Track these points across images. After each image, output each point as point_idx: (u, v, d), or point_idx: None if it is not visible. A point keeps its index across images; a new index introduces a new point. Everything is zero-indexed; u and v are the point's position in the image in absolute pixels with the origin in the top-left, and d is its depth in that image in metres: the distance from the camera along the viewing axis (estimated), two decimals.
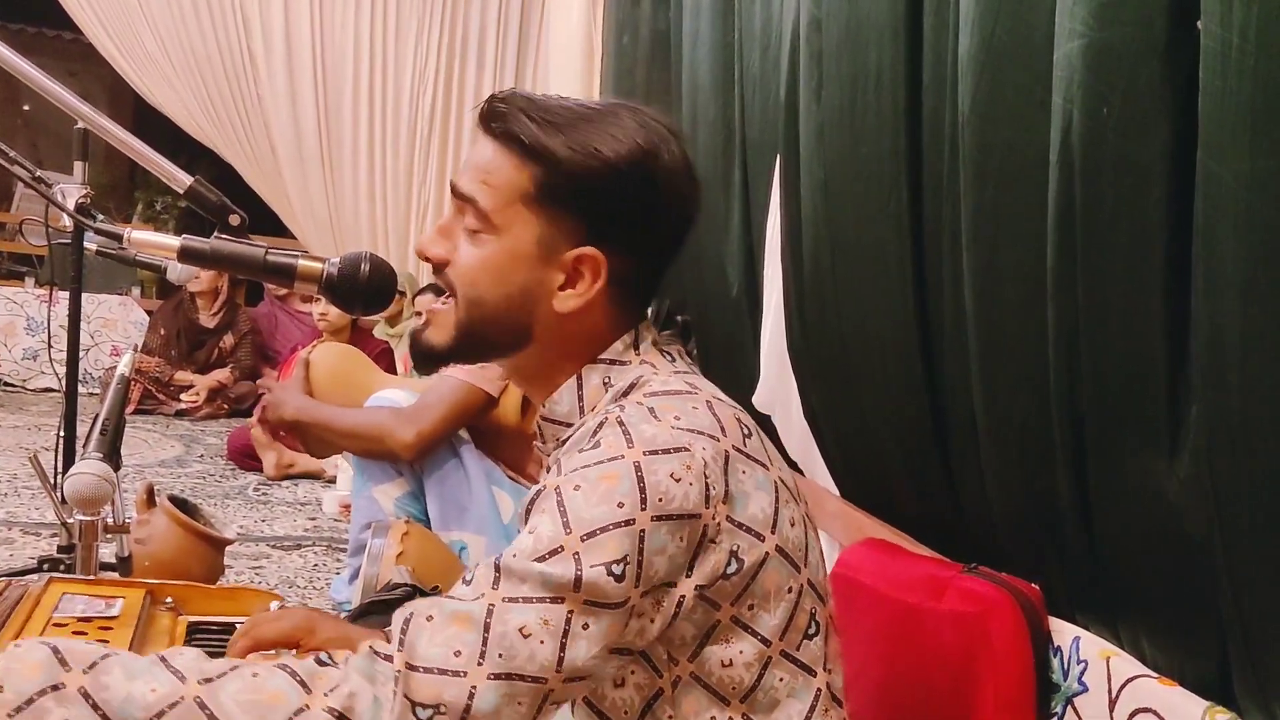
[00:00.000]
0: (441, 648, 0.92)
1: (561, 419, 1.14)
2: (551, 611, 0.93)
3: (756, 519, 1.02)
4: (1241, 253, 1.05)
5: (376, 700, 0.90)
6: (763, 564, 1.02)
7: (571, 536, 0.95)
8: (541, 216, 1.09)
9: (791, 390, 2.31)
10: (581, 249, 1.09)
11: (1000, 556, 1.60)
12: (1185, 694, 1.25)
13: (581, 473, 0.99)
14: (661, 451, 0.98)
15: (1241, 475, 1.10)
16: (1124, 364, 1.26)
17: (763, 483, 1.04)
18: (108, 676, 0.88)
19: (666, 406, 1.03)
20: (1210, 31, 1.06)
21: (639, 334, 1.14)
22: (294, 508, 4.09)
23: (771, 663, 1.04)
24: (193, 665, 0.91)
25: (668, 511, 0.96)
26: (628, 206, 1.09)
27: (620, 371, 1.12)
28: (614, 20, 4.21)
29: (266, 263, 1.36)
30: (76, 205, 2.16)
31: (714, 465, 1.00)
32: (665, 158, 1.10)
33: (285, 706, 0.89)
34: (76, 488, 1.49)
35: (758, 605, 1.02)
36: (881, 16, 1.78)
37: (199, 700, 0.88)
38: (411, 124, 6.46)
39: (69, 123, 1.80)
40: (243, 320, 6.45)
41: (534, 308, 1.11)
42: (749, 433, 1.07)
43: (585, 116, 1.09)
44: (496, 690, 0.91)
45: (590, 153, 1.07)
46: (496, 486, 2.55)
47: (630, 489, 0.96)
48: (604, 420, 1.03)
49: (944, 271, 1.66)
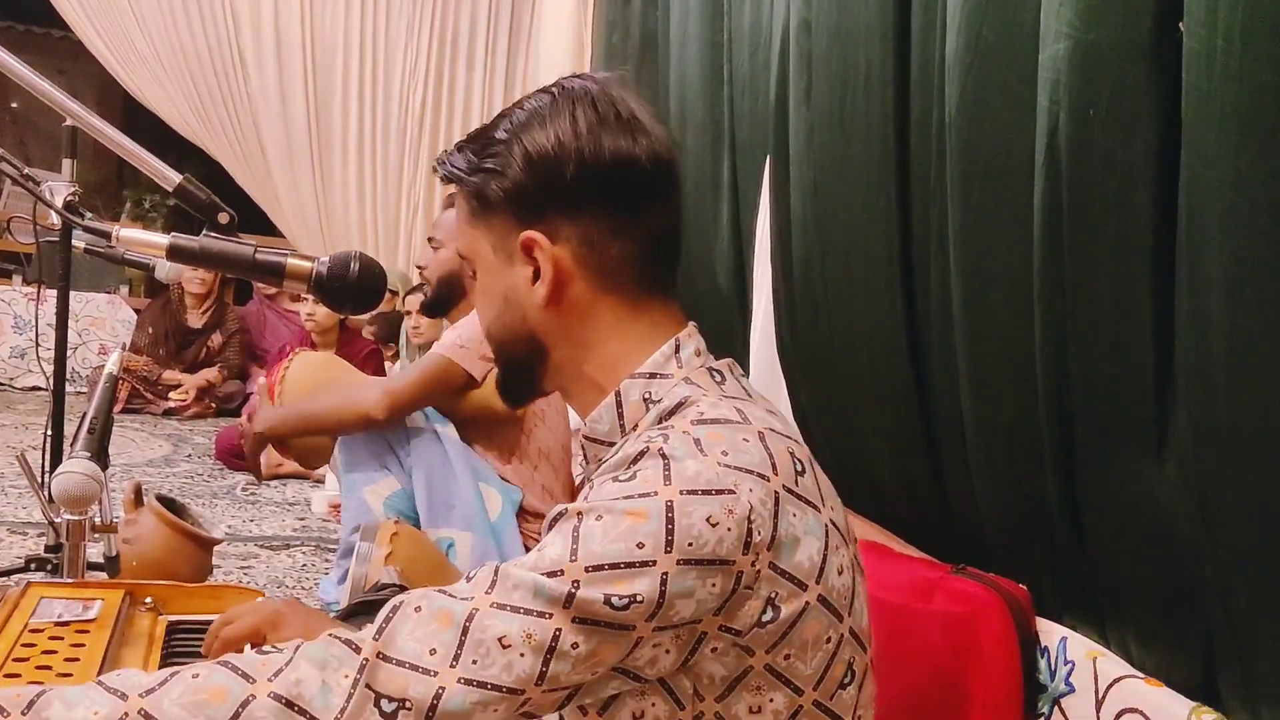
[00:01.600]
0: (418, 643, 0.90)
1: (603, 438, 1.10)
2: (537, 626, 0.90)
3: (801, 567, 0.96)
4: (1226, 253, 1.05)
5: (325, 685, 0.88)
6: (802, 614, 0.96)
7: (576, 564, 0.91)
8: (484, 226, 1.11)
9: (781, 391, 2.32)
10: (521, 235, 1.08)
11: (988, 557, 1.60)
12: (1171, 694, 1.26)
13: (609, 504, 0.93)
14: (702, 492, 0.92)
15: (1228, 476, 1.11)
16: (1111, 365, 1.27)
17: (813, 527, 0.98)
18: (48, 711, 0.87)
19: (714, 437, 0.97)
20: (1195, 34, 1.06)
21: (680, 342, 1.10)
22: (282, 508, 4.08)
23: (801, 712, 0.99)
24: (131, 681, 0.90)
25: (698, 556, 0.91)
26: (535, 181, 1.07)
27: (662, 385, 1.07)
28: (604, 19, 4.21)
29: (255, 261, 1.36)
30: (65, 203, 2.15)
31: (761, 509, 0.94)
32: (561, 120, 1.07)
33: (231, 700, 0.87)
34: (64, 487, 1.48)
35: (794, 655, 0.97)
36: (870, 18, 1.78)
37: (143, 712, 0.87)
38: (401, 123, 6.46)
39: (57, 120, 1.80)
40: (231, 319, 6.43)
41: (523, 312, 1.11)
42: (802, 469, 1.00)
43: (495, 119, 1.12)
44: (466, 695, 0.89)
45: (486, 145, 1.09)
46: (484, 483, 2.55)
47: (657, 530, 0.91)
48: (645, 449, 0.97)
49: (932, 272, 1.66)
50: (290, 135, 6.27)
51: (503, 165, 1.08)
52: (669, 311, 1.12)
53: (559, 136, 1.06)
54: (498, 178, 1.08)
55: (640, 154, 1.08)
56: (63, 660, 1.21)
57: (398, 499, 2.57)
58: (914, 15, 1.68)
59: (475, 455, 2.61)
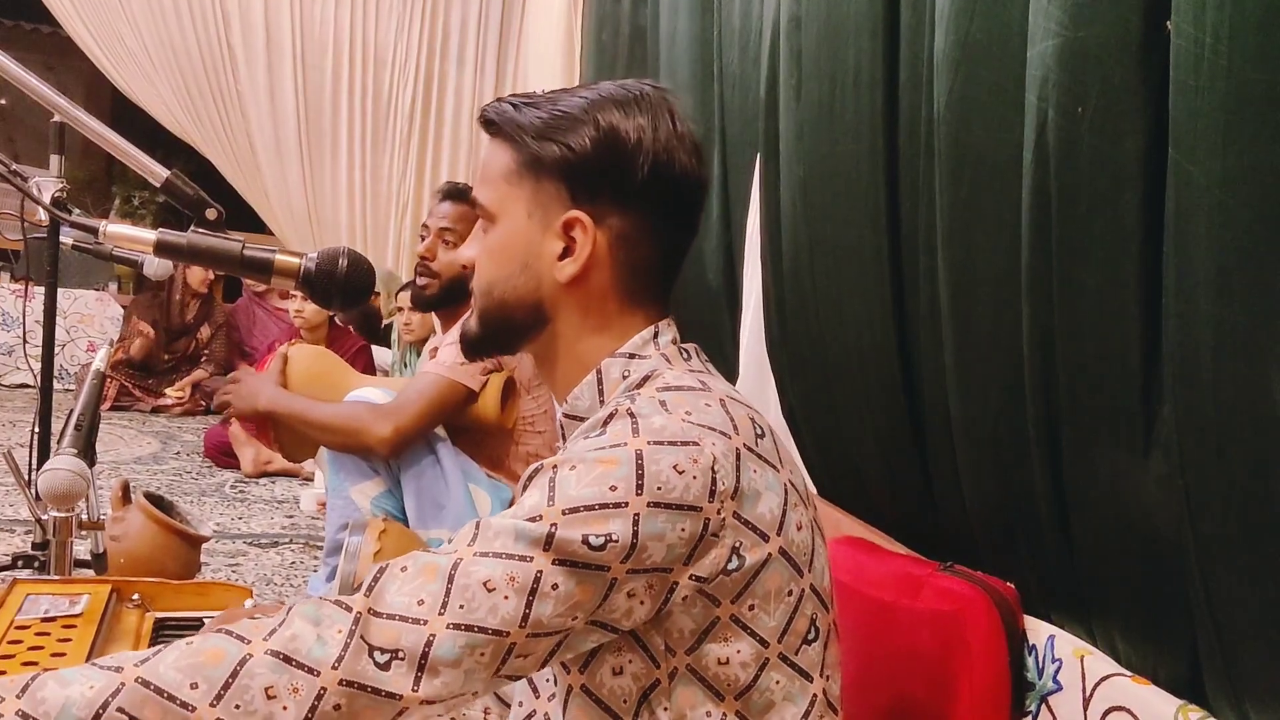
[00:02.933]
0: (407, 597, 0.92)
1: (583, 414, 1.14)
2: (519, 568, 0.93)
3: (764, 519, 1.02)
4: (1213, 251, 1.05)
5: (320, 639, 0.90)
6: (765, 564, 1.01)
7: (553, 509, 0.95)
8: (527, 188, 1.12)
9: (770, 388, 2.32)
10: (569, 213, 1.11)
11: (976, 555, 1.60)
12: (1158, 692, 1.26)
13: (582, 455, 0.98)
14: (668, 443, 0.98)
15: (1213, 474, 1.11)
16: (1098, 362, 1.27)
17: (773, 484, 1.04)
18: (42, 691, 0.87)
19: (678, 400, 1.03)
20: (1183, 31, 1.06)
21: (659, 330, 1.15)
22: (271, 505, 4.08)
23: (768, 665, 1.03)
24: (126, 657, 0.91)
25: (666, 500, 0.96)
26: (601, 167, 1.10)
27: (640, 365, 1.12)
28: (594, 16, 4.21)
29: (243, 257, 1.35)
30: (52, 199, 2.14)
31: (724, 461, 0.99)
32: (638, 116, 1.11)
33: (228, 660, 0.88)
34: (50, 484, 1.48)
35: (758, 606, 1.02)
36: (860, 15, 1.78)
37: (140, 679, 0.87)
38: (391, 120, 6.45)
39: (46, 117, 1.79)
40: (218, 313, 6.44)
41: (539, 282, 1.13)
42: (761, 433, 1.07)
43: (561, 92, 1.14)
44: (455, 640, 0.91)
45: (560, 115, 1.11)
46: (474, 484, 2.54)
47: (628, 475, 0.96)
48: (614, 411, 1.03)
49: (920, 269, 1.66)
50: (279, 132, 6.26)
51: (573, 139, 1.10)
52: (660, 310, 1.17)
53: (640, 134, 1.11)
54: (564, 148, 1.10)
55: (700, 177, 1.15)
56: (49, 655, 1.21)
57: (384, 499, 2.57)
58: (903, 12, 1.69)
59: (464, 456, 2.61)
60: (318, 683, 0.89)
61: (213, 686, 0.87)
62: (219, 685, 0.87)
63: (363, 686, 0.90)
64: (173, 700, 0.86)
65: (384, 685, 0.90)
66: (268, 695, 0.88)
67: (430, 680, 0.91)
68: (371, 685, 0.90)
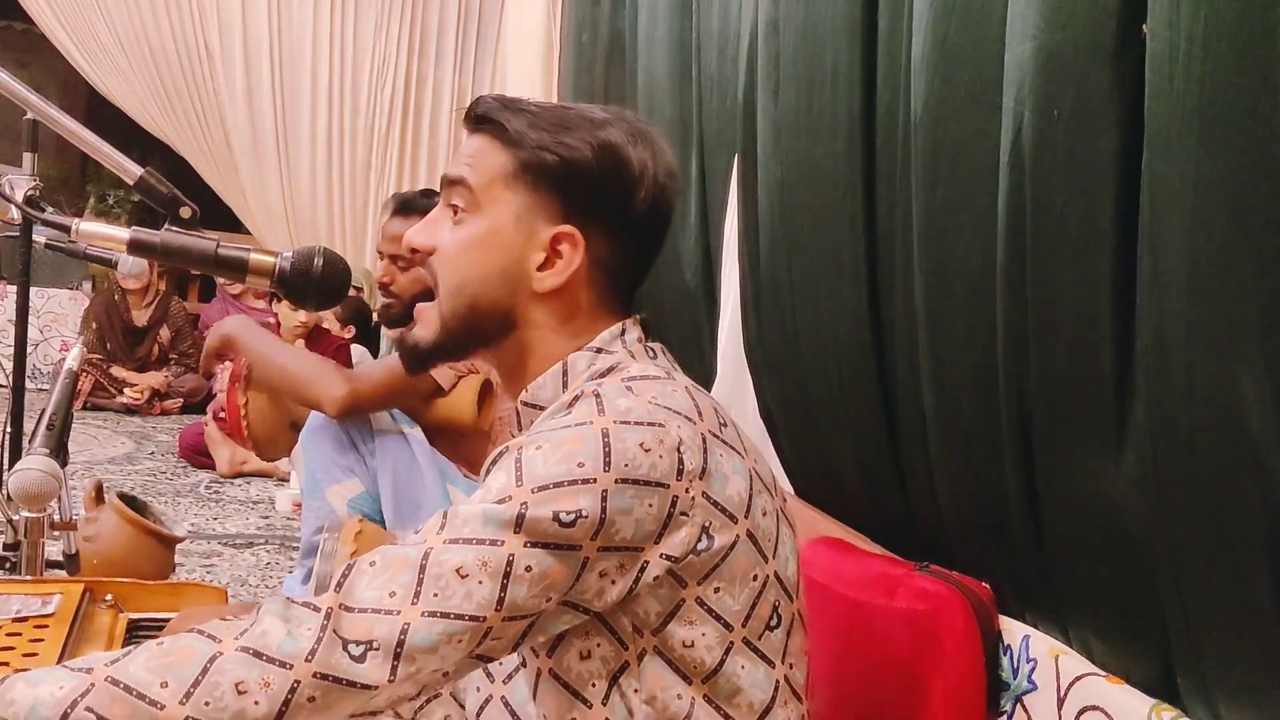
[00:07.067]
0: (377, 590, 0.93)
1: (544, 404, 1.14)
2: (491, 553, 0.94)
3: (732, 500, 1.03)
4: (1186, 253, 1.06)
5: (291, 635, 0.91)
6: (733, 546, 1.02)
7: (522, 488, 0.96)
8: (521, 194, 1.12)
9: (747, 388, 2.32)
10: (559, 227, 1.12)
11: (952, 555, 1.61)
12: (1132, 692, 1.27)
13: (548, 435, 0.99)
14: (634, 423, 0.99)
15: (1185, 474, 1.12)
16: (1071, 363, 1.28)
17: (738, 469, 1.05)
18: (11, 693, 0.87)
19: (645, 386, 1.04)
20: (1158, 35, 1.07)
21: (626, 328, 1.16)
22: (246, 506, 4.06)
23: (733, 649, 1.04)
24: (97, 658, 0.92)
25: (634, 476, 0.97)
26: (603, 188, 1.12)
27: (604, 358, 1.13)
28: (573, 18, 4.21)
29: (218, 256, 1.35)
30: (25, 197, 2.12)
31: (690, 442, 1.01)
32: (640, 148, 1.13)
33: (198, 658, 0.89)
34: (21, 484, 1.46)
35: (723, 589, 1.03)
36: (838, 18, 1.79)
37: (110, 679, 0.87)
38: (370, 120, 6.42)
39: (18, 114, 1.77)
40: (176, 311, 6.36)
41: (514, 289, 1.13)
42: (725, 423, 1.08)
43: (562, 109, 1.16)
44: (432, 628, 0.92)
45: (567, 133, 1.12)
46: (451, 484, 2.54)
47: (595, 452, 0.96)
48: (580, 394, 1.04)
49: (897, 270, 1.67)
50: (257, 131, 6.22)
51: (578, 155, 1.11)
52: (627, 311, 1.19)
53: (643, 163, 1.13)
54: (565, 162, 1.11)
55: (671, 207, 1.18)
56: (20, 655, 1.20)
57: (361, 501, 2.55)
58: (881, 16, 1.69)
59: (442, 457, 2.60)
60: (291, 676, 0.89)
61: (182, 684, 0.87)
62: (188, 683, 0.87)
63: (337, 679, 0.90)
64: (142, 699, 0.86)
65: (359, 677, 0.90)
66: (238, 691, 0.88)
67: (406, 668, 0.91)
68: (346, 678, 0.90)
